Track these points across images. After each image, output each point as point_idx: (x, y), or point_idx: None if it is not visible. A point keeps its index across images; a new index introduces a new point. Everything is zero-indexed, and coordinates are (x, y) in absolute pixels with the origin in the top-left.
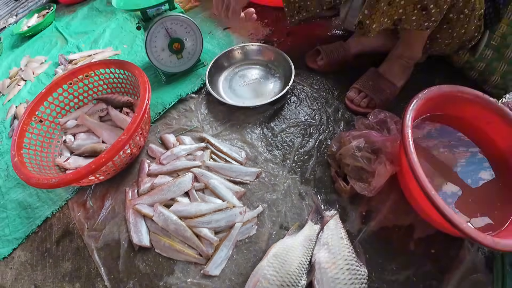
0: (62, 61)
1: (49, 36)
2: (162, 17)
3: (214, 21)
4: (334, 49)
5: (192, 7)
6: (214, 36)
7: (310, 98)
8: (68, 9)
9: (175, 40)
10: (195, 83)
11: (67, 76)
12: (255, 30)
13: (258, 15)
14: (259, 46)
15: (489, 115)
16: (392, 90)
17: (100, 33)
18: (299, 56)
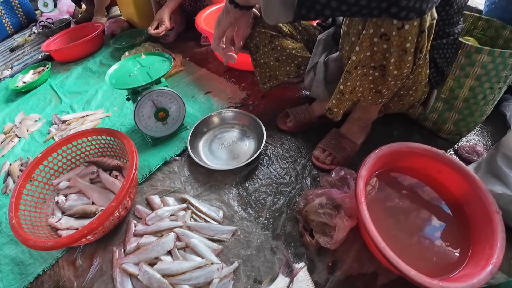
0: (56, 121)
1: (44, 93)
2: (149, 91)
3: (197, 85)
4: (301, 111)
5: (178, 72)
6: (196, 100)
7: (281, 158)
8: (63, 67)
9: (161, 110)
10: (179, 146)
11: (62, 142)
12: (233, 94)
13: (236, 79)
14: (234, 112)
15: (439, 165)
16: (352, 147)
17: (93, 94)
18: (272, 117)
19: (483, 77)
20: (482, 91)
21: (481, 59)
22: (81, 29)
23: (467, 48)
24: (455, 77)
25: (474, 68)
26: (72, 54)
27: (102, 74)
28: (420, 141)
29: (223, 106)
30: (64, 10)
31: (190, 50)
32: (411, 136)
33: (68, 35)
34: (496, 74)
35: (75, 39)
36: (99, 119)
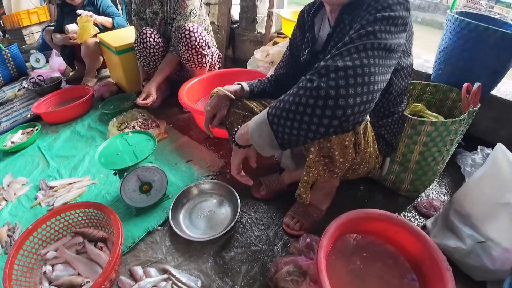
0: (44, 187)
1: (32, 155)
2: (135, 168)
3: (179, 153)
4: (273, 181)
5: (162, 139)
6: (178, 169)
7: (254, 225)
8: (51, 129)
9: (145, 183)
10: (161, 216)
11: (52, 214)
12: (212, 162)
13: (215, 147)
14: (212, 183)
15: (394, 228)
16: (318, 214)
17: (80, 159)
18: (247, 186)
19: (429, 143)
20: (430, 154)
21: (425, 129)
22: (71, 91)
23: (412, 121)
24: (405, 144)
25: (420, 136)
26: (61, 117)
27: (90, 139)
28: (382, 200)
29: (203, 175)
30: (55, 68)
31: (174, 116)
32: (373, 196)
33: (58, 96)
34: (441, 140)
35: (65, 100)
36: (85, 186)
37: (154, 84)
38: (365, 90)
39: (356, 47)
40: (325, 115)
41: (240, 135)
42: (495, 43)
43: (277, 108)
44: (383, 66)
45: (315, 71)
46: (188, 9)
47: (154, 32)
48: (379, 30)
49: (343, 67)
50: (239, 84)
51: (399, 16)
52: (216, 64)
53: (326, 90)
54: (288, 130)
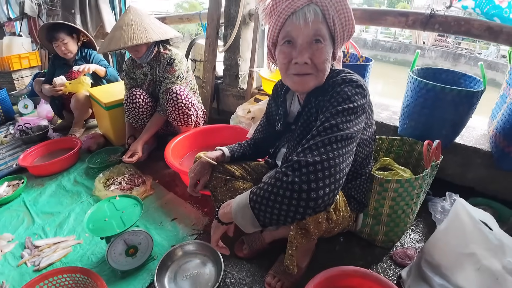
0: (29, 245)
1: (17, 210)
2: (122, 232)
3: (164, 211)
4: (254, 239)
5: (147, 195)
6: (163, 227)
7: (238, 285)
8: (37, 182)
9: (131, 247)
10: (146, 278)
11: (40, 278)
12: (196, 220)
13: (200, 204)
14: (196, 243)
15: (369, 283)
16: (299, 271)
17: (65, 216)
18: (230, 243)
19: (397, 198)
20: (399, 208)
21: (391, 186)
22: (58, 143)
23: (379, 180)
24: (375, 200)
25: (388, 193)
26: (47, 170)
27: (76, 194)
28: (359, 252)
29: (188, 234)
30: (43, 115)
31: (160, 172)
32: (351, 249)
33: (45, 148)
34: (408, 194)
35: (52, 151)
36: (70, 246)
37: (140, 142)
38: (332, 180)
39: (322, 141)
40: (300, 205)
41: (223, 213)
42: (452, 100)
43: (258, 195)
44: (346, 153)
45: (289, 165)
46: (176, 74)
47: (143, 93)
48: (341, 121)
49: (312, 162)
50: (221, 149)
51: (357, 105)
52: (201, 120)
53: (299, 185)
54: (269, 215)
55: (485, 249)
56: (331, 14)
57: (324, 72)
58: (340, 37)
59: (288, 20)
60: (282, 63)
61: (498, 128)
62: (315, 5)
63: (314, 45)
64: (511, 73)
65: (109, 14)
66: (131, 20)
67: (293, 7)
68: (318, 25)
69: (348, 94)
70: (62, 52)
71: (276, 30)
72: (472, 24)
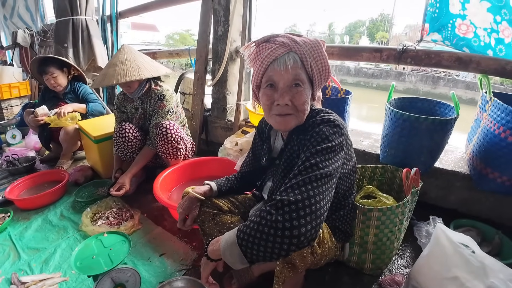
0: (15, 281)
1: (2, 244)
2: (110, 270)
3: (152, 246)
4: (243, 273)
5: (135, 230)
6: (151, 263)
7: None
8: (23, 215)
9: (119, 285)
10: None
11: None
12: (185, 255)
13: (188, 238)
14: (184, 279)
15: None
16: None
17: (51, 252)
18: (219, 278)
19: (381, 226)
20: (384, 235)
21: (374, 215)
22: (45, 175)
23: (362, 209)
24: (360, 229)
25: (372, 221)
26: (34, 204)
27: (62, 229)
28: (349, 281)
29: (176, 269)
30: (31, 145)
31: (149, 205)
32: (340, 278)
33: (32, 180)
34: (391, 221)
35: (39, 184)
36: (56, 284)
37: (129, 175)
38: (313, 216)
39: (303, 180)
40: (284, 242)
41: (212, 250)
42: (426, 128)
43: (245, 233)
44: (326, 190)
45: (273, 204)
46: (166, 109)
47: (132, 127)
48: (320, 160)
49: (294, 201)
50: (208, 184)
51: (335, 144)
52: (190, 153)
53: (283, 224)
54: (255, 252)
55: (468, 272)
56: (308, 61)
57: (304, 112)
58: (317, 81)
59: (270, 66)
60: (265, 104)
61: (474, 152)
62: (294, 53)
63: (294, 88)
64: (483, 98)
65: (102, 49)
66: (125, 58)
67: (275, 54)
68: (297, 71)
69: (326, 134)
70: (51, 85)
71: (260, 74)
72: (442, 56)
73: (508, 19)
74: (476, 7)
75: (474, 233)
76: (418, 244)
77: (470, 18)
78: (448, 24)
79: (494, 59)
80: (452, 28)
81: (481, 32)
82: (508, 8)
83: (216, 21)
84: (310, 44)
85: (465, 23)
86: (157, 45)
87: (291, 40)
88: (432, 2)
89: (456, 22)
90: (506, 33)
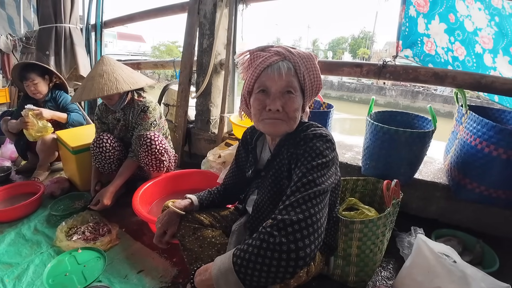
0: None
1: None
2: None
3: (130, 262)
4: None
5: (112, 246)
6: (128, 281)
7: None
8: None
9: None
10: None
11: None
12: (164, 272)
13: (168, 254)
14: None
15: None
16: None
17: (24, 268)
18: None
19: (363, 238)
20: (367, 247)
21: (356, 227)
22: (20, 187)
23: (344, 222)
24: (343, 241)
25: (354, 233)
26: (7, 216)
27: (35, 244)
28: None
29: (155, 287)
30: (7, 155)
31: (127, 219)
32: None
33: (6, 192)
34: (373, 233)
35: (13, 196)
36: None
37: (111, 189)
38: (316, 235)
39: (302, 198)
40: (289, 265)
41: (200, 281)
42: (405, 140)
43: (243, 258)
44: (324, 207)
45: (274, 224)
46: (150, 121)
47: (110, 137)
48: (317, 176)
49: (297, 221)
50: (190, 198)
51: (329, 159)
52: (173, 165)
53: (287, 246)
54: (256, 278)
55: (450, 282)
56: (301, 70)
57: (294, 120)
58: (309, 91)
59: (263, 72)
60: (257, 109)
61: (452, 163)
62: (288, 61)
63: (286, 95)
64: (459, 111)
65: (84, 58)
66: (103, 71)
67: (269, 61)
68: (290, 78)
69: (320, 149)
70: (32, 92)
71: (252, 80)
72: (419, 71)
73: (461, 39)
74: (437, 28)
75: (455, 242)
76: (401, 255)
77: (433, 37)
78: (418, 41)
79: (469, 73)
80: (421, 45)
81: (440, 50)
82: (461, 29)
83: (201, 34)
84: (304, 55)
85: (430, 41)
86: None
87: (285, 50)
88: (403, 21)
89: (424, 39)
90: (459, 52)
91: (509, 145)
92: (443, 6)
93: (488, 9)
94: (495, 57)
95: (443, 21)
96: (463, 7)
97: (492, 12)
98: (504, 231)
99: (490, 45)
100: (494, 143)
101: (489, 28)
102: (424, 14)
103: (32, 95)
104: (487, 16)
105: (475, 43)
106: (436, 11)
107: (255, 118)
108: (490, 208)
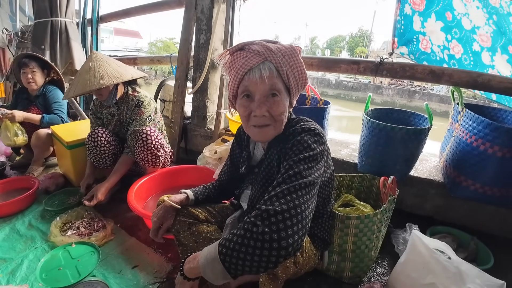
0: None
1: None
2: (77, 283)
3: (125, 258)
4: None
5: (107, 241)
6: (123, 276)
7: None
8: None
9: None
10: None
11: None
12: (159, 267)
13: (163, 249)
14: None
15: None
16: None
17: (18, 263)
18: None
19: (359, 234)
20: (362, 243)
21: (352, 222)
22: (14, 182)
23: (340, 217)
24: (339, 237)
25: (350, 229)
26: (1, 212)
27: (30, 239)
28: None
29: (149, 283)
30: (1, 151)
31: (122, 215)
32: (319, 287)
33: (1, 187)
34: (369, 229)
35: (8, 191)
36: None
37: (106, 185)
38: (300, 226)
39: (288, 189)
40: (271, 255)
41: (189, 268)
42: (401, 137)
43: (228, 247)
44: (310, 199)
45: (258, 214)
46: (144, 116)
47: (105, 131)
48: (303, 169)
49: (280, 211)
50: (185, 192)
51: (317, 153)
52: (169, 161)
53: (270, 235)
54: (240, 267)
55: (444, 278)
56: (284, 69)
57: (281, 122)
58: (295, 88)
59: (245, 75)
60: (243, 115)
61: (448, 160)
62: (270, 62)
63: (271, 98)
64: (455, 109)
65: (80, 52)
66: (89, 67)
67: (249, 64)
68: (273, 80)
69: (308, 142)
70: (27, 80)
71: (235, 84)
72: (416, 69)
73: (458, 37)
74: (433, 26)
75: (450, 239)
76: (396, 251)
77: (429, 35)
78: (413, 39)
79: (466, 71)
80: (417, 42)
81: (436, 48)
82: (459, 27)
83: (198, 29)
84: (286, 51)
85: (425, 39)
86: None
87: (265, 49)
88: (399, 19)
89: (419, 37)
90: (456, 50)
91: (504, 143)
92: (440, 4)
93: (486, 7)
94: (493, 55)
95: (439, 19)
96: (461, 5)
97: (490, 11)
98: (499, 228)
99: (489, 43)
100: (490, 141)
101: (487, 26)
102: (420, 12)
103: (27, 84)
104: (485, 14)
105: (473, 41)
106: (433, 9)
107: (243, 124)
108: (485, 206)
